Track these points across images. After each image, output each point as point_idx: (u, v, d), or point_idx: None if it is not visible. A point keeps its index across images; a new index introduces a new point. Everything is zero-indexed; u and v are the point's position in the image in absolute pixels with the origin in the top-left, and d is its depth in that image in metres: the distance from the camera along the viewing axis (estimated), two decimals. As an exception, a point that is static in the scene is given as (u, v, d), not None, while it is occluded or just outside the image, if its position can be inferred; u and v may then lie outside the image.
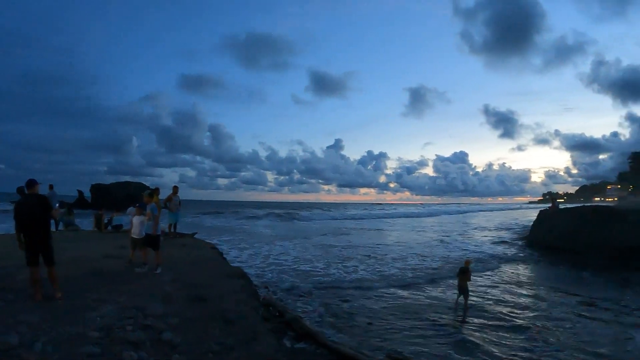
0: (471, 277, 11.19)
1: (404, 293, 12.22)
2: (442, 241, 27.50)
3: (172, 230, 14.91)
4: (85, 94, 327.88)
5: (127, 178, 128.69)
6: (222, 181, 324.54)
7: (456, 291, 11.12)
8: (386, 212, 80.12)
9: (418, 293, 12.28)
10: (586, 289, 13.66)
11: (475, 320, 9.75)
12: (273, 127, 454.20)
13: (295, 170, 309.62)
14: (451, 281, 13.81)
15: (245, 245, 22.67)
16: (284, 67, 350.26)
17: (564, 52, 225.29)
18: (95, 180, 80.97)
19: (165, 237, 11.01)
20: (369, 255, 20.20)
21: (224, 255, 13.51)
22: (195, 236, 16.61)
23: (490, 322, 9.61)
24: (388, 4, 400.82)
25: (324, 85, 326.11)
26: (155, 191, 10.65)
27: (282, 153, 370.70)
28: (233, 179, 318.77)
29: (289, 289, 12.14)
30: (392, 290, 12.52)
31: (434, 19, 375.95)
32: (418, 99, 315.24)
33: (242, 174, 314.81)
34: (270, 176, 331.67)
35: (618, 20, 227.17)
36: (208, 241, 16.00)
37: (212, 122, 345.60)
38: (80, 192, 60.74)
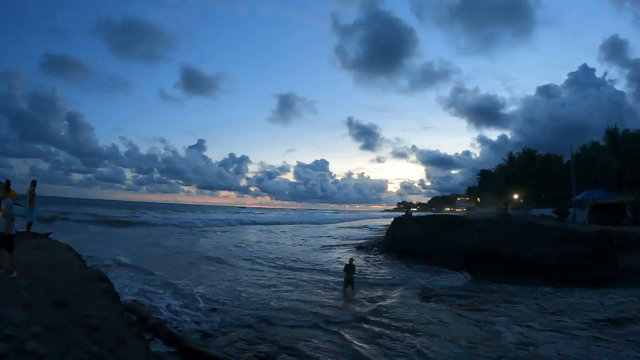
0: (355, 270, 15.17)
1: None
2: (302, 247, 29.06)
3: (27, 229, 13.81)
4: None
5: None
6: (77, 176, 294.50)
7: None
8: (249, 217, 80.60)
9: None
10: (439, 287, 15.96)
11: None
12: (136, 122, 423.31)
13: (155, 169, 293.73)
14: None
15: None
16: (155, 60, 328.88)
17: (429, 77, 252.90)
18: None
19: (18, 236, 10.32)
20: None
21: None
22: (49, 236, 15.58)
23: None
24: (269, 9, 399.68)
25: (194, 83, 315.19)
26: (8, 184, 9.99)
27: (143, 150, 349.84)
28: (89, 175, 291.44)
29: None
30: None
31: (312, 30, 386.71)
32: (286, 106, 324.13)
33: (100, 169, 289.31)
34: (128, 174, 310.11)
35: (481, 55, 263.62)
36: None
37: (72, 110, 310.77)
38: None
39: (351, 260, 15.55)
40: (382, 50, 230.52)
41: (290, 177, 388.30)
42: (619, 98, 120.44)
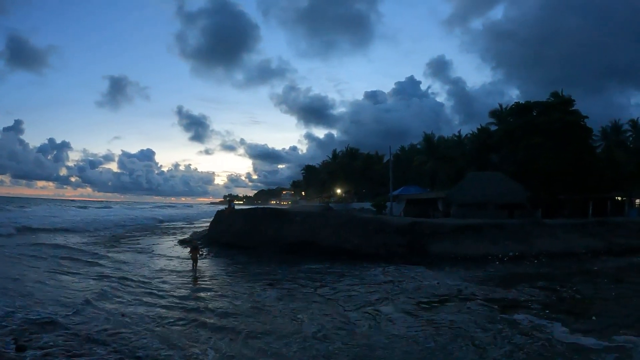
0: (200, 252, 18.65)
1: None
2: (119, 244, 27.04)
3: None
4: None
5: None
6: None
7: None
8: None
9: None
10: (264, 276, 16.38)
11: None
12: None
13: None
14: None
15: None
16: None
17: (265, 74, 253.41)
18: None
19: None
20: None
21: None
22: None
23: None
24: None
25: (20, 54, 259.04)
26: None
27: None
28: None
29: None
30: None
31: (155, 13, 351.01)
32: (117, 90, 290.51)
33: None
34: None
35: (318, 59, 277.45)
36: None
37: None
38: None
39: (194, 242, 19.89)
40: (223, 42, 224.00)
41: (114, 167, 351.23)
42: (438, 109, 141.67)
